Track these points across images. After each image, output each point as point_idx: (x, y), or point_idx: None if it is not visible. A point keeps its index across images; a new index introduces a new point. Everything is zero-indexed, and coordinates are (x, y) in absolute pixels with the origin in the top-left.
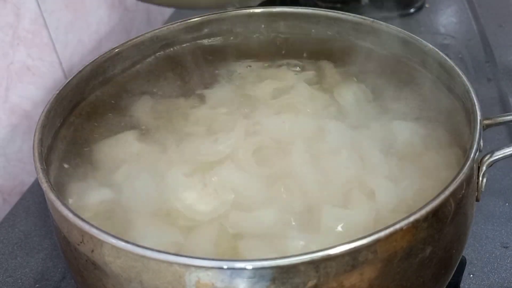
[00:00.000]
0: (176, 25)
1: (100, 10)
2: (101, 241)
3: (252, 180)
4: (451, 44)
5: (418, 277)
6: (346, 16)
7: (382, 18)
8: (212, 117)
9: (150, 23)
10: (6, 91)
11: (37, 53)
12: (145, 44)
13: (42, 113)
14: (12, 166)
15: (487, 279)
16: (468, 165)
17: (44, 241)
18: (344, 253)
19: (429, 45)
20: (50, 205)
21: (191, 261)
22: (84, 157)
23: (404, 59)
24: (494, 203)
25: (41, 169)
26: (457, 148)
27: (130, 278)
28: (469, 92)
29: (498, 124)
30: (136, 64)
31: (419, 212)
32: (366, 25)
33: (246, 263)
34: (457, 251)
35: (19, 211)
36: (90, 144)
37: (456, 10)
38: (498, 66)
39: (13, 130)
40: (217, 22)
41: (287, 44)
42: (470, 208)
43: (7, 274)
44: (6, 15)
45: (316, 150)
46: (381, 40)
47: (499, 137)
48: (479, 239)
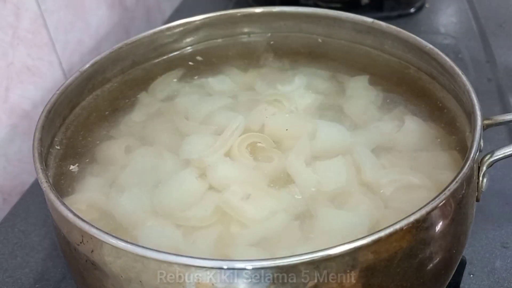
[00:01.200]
0: (175, 26)
1: (100, 10)
2: (101, 241)
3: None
4: (451, 44)
5: (418, 277)
6: (346, 16)
7: (382, 18)
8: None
9: (150, 23)
10: (6, 91)
11: (37, 53)
12: (145, 44)
13: (42, 113)
14: (12, 166)
15: (487, 279)
16: (468, 165)
17: (44, 241)
18: (344, 253)
19: (429, 45)
20: (50, 205)
21: (191, 261)
22: (85, 157)
23: (403, 59)
24: (494, 203)
25: (41, 169)
26: (457, 148)
27: (130, 278)
28: (469, 92)
29: (498, 124)
30: (136, 64)
31: (419, 212)
32: (366, 25)
33: (246, 263)
34: (457, 251)
35: (19, 211)
36: (90, 144)
37: (456, 10)
38: (498, 66)
39: (13, 130)
40: (216, 22)
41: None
42: (470, 208)
43: (7, 274)
44: (6, 15)
45: (313, 151)
46: (381, 40)
47: (499, 137)
48: (479, 239)
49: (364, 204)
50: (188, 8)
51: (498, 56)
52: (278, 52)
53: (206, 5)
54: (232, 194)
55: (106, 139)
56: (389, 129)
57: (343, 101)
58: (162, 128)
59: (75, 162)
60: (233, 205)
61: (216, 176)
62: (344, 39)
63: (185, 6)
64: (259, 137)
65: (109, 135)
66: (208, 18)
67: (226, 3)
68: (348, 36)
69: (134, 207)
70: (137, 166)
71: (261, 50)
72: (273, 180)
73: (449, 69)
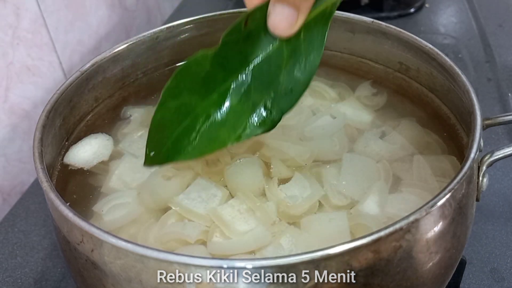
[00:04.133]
0: (176, 25)
1: (100, 10)
2: (101, 241)
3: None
4: (451, 44)
5: (417, 276)
6: (346, 16)
7: (382, 18)
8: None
9: (150, 23)
10: (6, 91)
11: (37, 53)
12: (145, 44)
13: (42, 113)
14: (12, 166)
15: (487, 279)
16: (468, 165)
17: (44, 241)
18: (344, 252)
19: (429, 45)
20: (50, 204)
21: (191, 261)
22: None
23: (403, 59)
24: (494, 203)
25: (41, 169)
26: (457, 148)
27: (130, 278)
28: (469, 92)
29: (498, 124)
30: (136, 63)
31: (418, 212)
32: (366, 25)
33: (246, 262)
34: (457, 251)
35: (19, 211)
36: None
37: (456, 10)
38: (498, 66)
39: (13, 130)
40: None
41: None
42: (470, 208)
43: (7, 274)
44: (6, 15)
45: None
46: (381, 40)
47: (499, 137)
48: (479, 239)
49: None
50: (188, 8)
51: (498, 56)
52: None
53: (206, 5)
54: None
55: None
56: (387, 128)
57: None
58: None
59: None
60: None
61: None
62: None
63: (185, 6)
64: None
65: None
66: (208, 18)
67: (226, 3)
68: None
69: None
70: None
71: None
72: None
73: (448, 69)
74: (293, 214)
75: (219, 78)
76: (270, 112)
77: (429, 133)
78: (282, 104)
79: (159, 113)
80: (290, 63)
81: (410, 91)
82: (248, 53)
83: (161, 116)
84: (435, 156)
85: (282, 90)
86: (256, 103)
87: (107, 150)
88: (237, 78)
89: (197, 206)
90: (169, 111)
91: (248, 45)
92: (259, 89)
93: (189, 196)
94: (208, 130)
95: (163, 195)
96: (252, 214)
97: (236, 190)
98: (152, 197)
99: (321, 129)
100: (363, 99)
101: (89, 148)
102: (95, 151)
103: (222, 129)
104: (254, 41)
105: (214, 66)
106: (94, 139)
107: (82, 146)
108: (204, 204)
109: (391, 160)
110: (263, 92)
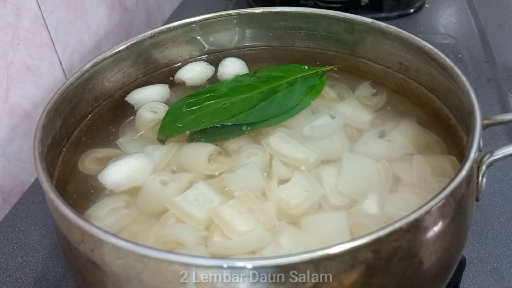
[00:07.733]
0: (175, 26)
1: (100, 10)
2: (101, 241)
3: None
4: (451, 44)
5: (417, 276)
6: (346, 16)
7: (382, 18)
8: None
9: (150, 23)
10: (6, 91)
11: (37, 53)
12: (145, 44)
13: (42, 113)
14: (12, 166)
15: (487, 279)
16: (468, 165)
17: (44, 241)
18: (344, 252)
19: (429, 45)
20: (50, 204)
21: (191, 260)
22: (85, 157)
23: (402, 60)
24: (494, 203)
25: (42, 169)
26: (457, 148)
27: (130, 278)
28: (469, 92)
29: (498, 124)
30: (136, 63)
31: (418, 212)
32: (365, 25)
33: (246, 262)
34: (457, 251)
35: (19, 211)
36: (91, 144)
37: (456, 10)
38: (498, 66)
39: (13, 130)
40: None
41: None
42: (470, 208)
43: (7, 273)
44: (6, 15)
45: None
46: (381, 40)
47: (499, 137)
48: (479, 239)
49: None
50: (188, 9)
51: (498, 56)
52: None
53: (206, 5)
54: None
55: (107, 140)
56: (386, 128)
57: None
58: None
59: (76, 162)
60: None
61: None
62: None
63: (185, 6)
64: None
65: (110, 135)
66: (208, 19)
67: (226, 3)
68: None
69: (134, 205)
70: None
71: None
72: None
73: (448, 69)
74: (293, 214)
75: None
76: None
77: (429, 133)
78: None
79: (178, 103)
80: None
81: (409, 91)
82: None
83: (179, 106)
84: (435, 156)
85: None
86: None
87: (142, 175)
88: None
89: (193, 209)
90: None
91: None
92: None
93: (187, 198)
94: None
95: (159, 199)
96: (252, 215)
97: (236, 190)
98: (148, 201)
99: (320, 129)
100: (363, 99)
101: (125, 170)
102: (130, 174)
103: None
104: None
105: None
106: (134, 160)
107: (118, 166)
108: (200, 208)
109: (391, 160)
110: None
